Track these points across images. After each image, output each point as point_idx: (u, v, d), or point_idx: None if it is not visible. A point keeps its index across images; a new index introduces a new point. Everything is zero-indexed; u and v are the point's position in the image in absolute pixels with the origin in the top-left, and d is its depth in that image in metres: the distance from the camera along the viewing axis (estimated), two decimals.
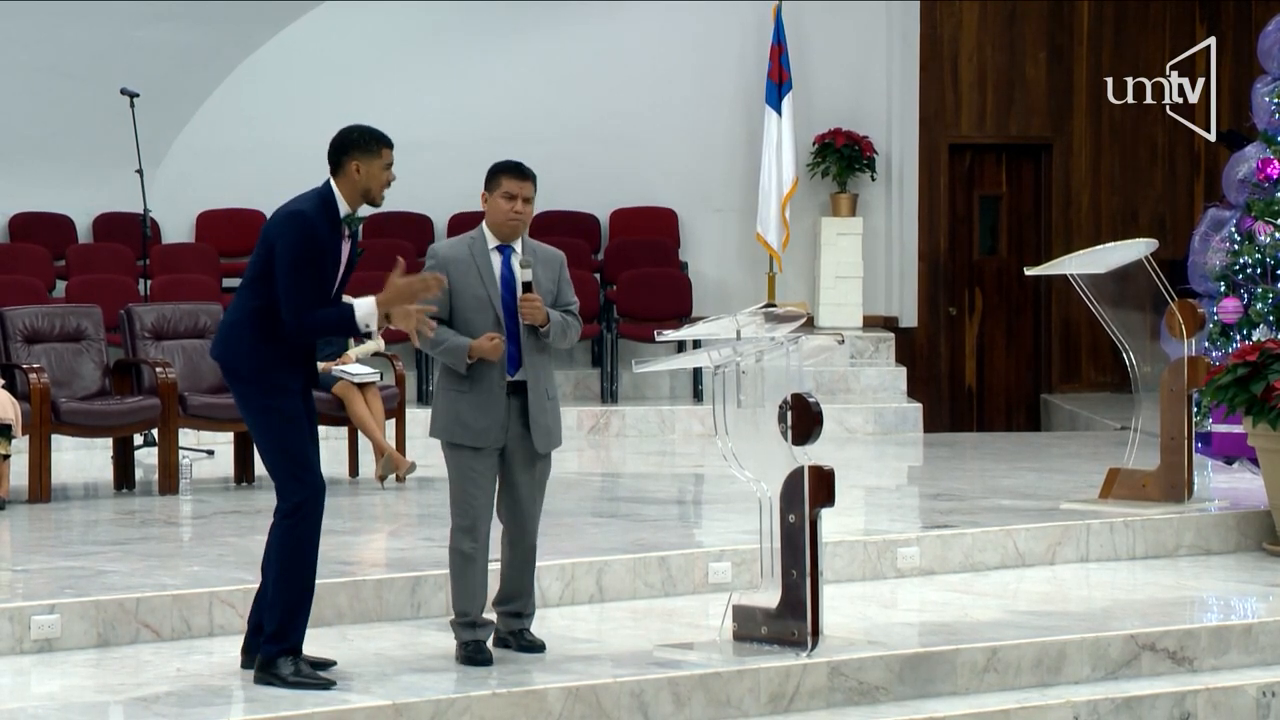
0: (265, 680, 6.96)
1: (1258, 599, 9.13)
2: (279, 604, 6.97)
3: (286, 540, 6.98)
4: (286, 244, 6.92)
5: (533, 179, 7.46)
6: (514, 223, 7.41)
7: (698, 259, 16.96)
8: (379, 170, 7.04)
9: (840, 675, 7.44)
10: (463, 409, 7.34)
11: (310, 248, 6.91)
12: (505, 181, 7.42)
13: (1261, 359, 10.09)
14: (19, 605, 7.65)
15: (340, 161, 7.03)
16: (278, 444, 7.00)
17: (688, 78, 17.07)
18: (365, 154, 7.02)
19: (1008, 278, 17.87)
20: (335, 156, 7.04)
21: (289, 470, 6.98)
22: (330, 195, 7.02)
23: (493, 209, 7.43)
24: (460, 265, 7.38)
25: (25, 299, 13.25)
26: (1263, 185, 12.70)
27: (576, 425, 14.79)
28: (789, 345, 7.61)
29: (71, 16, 15.01)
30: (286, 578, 6.97)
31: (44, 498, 10.78)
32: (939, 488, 12.05)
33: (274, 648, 6.98)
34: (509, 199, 7.40)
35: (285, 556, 6.97)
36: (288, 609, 6.97)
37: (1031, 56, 17.81)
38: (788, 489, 7.48)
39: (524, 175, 7.44)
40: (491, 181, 7.45)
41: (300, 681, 6.93)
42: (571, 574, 8.71)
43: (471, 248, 7.42)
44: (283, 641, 6.97)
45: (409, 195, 16.53)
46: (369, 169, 7.02)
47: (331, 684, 6.96)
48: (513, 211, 7.40)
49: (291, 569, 6.97)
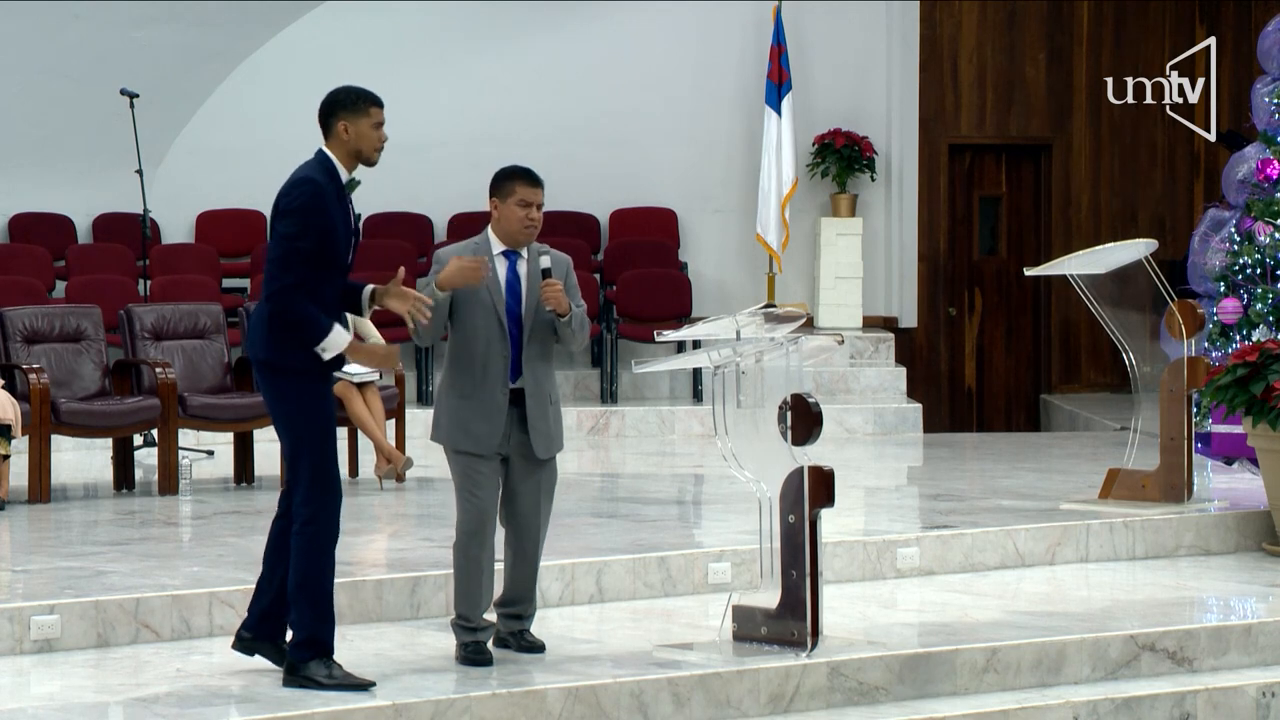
0: (299, 684, 6.88)
1: (1257, 599, 9.14)
2: (306, 610, 6.89)
3: (309, 547, 6.89)
4: (291, 209, 6.83)
5: (543, 185, 7.41)
6: (529, 230, 7.36)
7: (697, 259, 16.96)
8: (369, 129, 6.95)
9: (840, 675, 7.44)
10: (465, 415, 7.32)
11: (318, 214, 6.82)
12: (520, 189, 7.33)
13: (1261, 359, 10.09)
14: (19, 606, 7.65)
15: (330, 124, 6.96)
16: (309, 447, 6.92)
17: (688, 78, 17.07)
18: (353, 113, 6.94)
19: (1007, 278, 17.87)
20: (325, 119, 6.97)
21: (314, 476, 6.91)
22: (329, 161, 6.95)
23: (506, 216, 7.35)
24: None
25: (25, 299, 13.25)
26: (1262, 186, 12.69)
27: (576, 426, 14.79)
28: (789, 346, 7.61)
29: (71, 17, 15.01)
30: (311, 584, 6.90)
31: (44, 498, 10.78)
32: (939, 488, 12.05)
33: (307, 653, 6.91)
34: (524, 206, 7.32)
35: (308, 563, 6.89)
36: (317, 614, 6.90)
37: (1031, 57, 17.81)
38: (787, 489, 7.48)
39: (537, 182, 7.37)
40: (503, 188, 7.35)
41: (338, 683, 6.87)
42: (571, 574, 8.71)
43: (478, 253, 7.35)
44: (315, 646, 6.91)
45: (409, 196, 16.61)
46: (357, 128, 6.93)
47: (371, 684, 6.91)
48: (528, 219, 7.33)
49: (314, 574, 6.90)
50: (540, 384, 7.39)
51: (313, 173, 6.91)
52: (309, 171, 6.93)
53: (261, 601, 7.13)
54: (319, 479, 6.90)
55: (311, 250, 6.82)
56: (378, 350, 7.21)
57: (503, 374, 7.31)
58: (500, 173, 7.42)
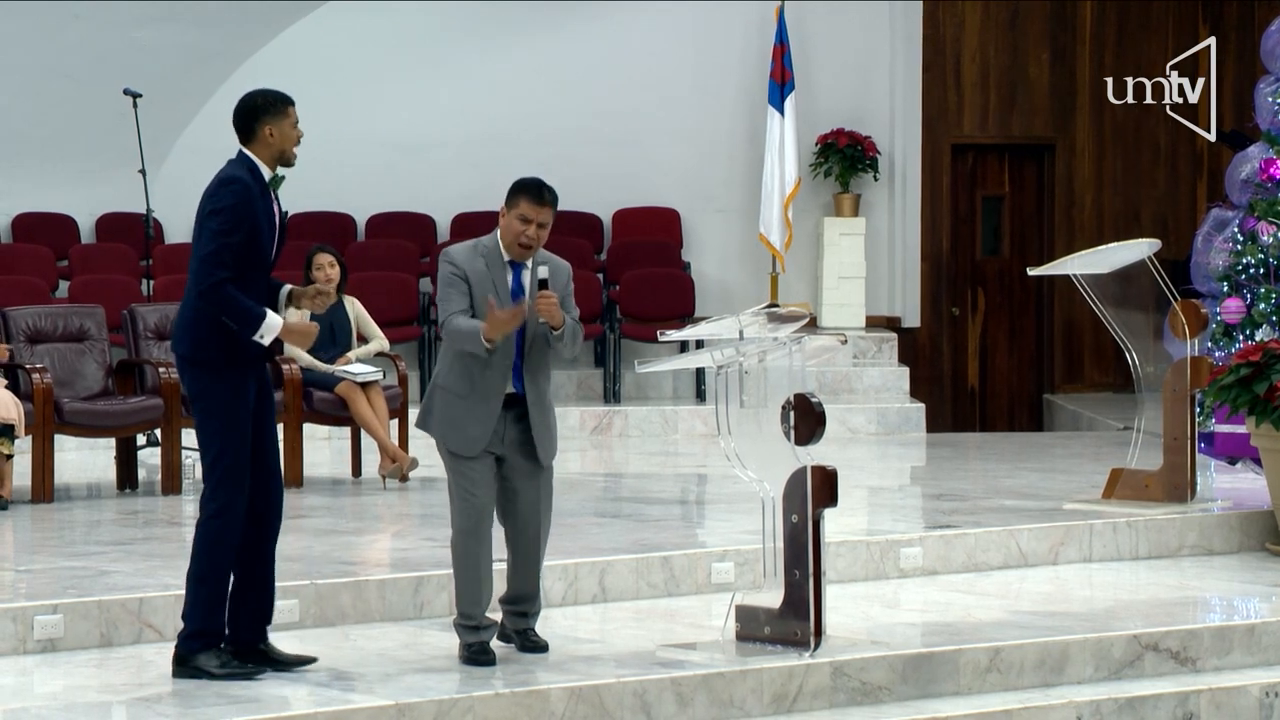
0: (189, 674, 7.01)
1: (1260, 599, 9.13)
2: (202, 601, 7.02)
3: (215, 540, 7.02)
4: (222, 207, 6.97)
5: (552, 204, 7.32)
6: (523, 248, 7.33)
7: (700, 259, 16.96)
8: (289, 129, 7.16)
9: (843, 675, 7.44)
10: (458, 414, 7.32)
11: (247, 211, 6.98)
12: (523, 204, 7.29)
13: (1264, 359, 10.09)
14: (22, 605, 7.65)
15: (252, 128, 7.14)
16: (223, 441, 7.03)
17: (690, 78, 17.07)
18: (275, 115, 7.15)
19: (1010, 278, 17.87)
20: (246, 123, 7.16)
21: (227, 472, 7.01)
22: (251, 161, 7.11)
23: (506, 228, 7.34)
24: (475, 277, 7.34)
25: (28, 299, 13.25)
26: (1266, 185, 12.70)
27: (579, 425, 14.79)
28: (792, 345, 7.61)
29: (73, 17, 15.02)
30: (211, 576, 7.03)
31: (47, 498, 10.78)
32: (942, 488, 12.05)
33: (197, 644, 7.04)
34: (523, 222, 7.29)
35: (210, 556, 7.02)
36: (212, 605, 7.03)
37: (1034, 57, 17.81)
38: (791, 489, 7.48)
39: (542, 200, 7.30)
40: (511, 198, 7.32)
41: (229, 673, 7.01)
42: (574, 574, 8.71)
43: (487, 260, 7.36)
44: (205, 637, 7.04)
45: (411, 196, 16.63)
46: (280, 130, 7.14)
47: (258, 671, 7.05)
48: (524, 235, 7.30)
49: (215, 566, 7.02)
50: (541, 392, 7.40)
51: (238, 172, 7.09)
52: (235, 170, 7.10)
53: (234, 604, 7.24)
54: (231, 474, 7.03)
55: (240, 245, 6.98)
56: (304, 328, 7.32)
57: (502, 379, 7.32)
58: (515, 182, 7.38)
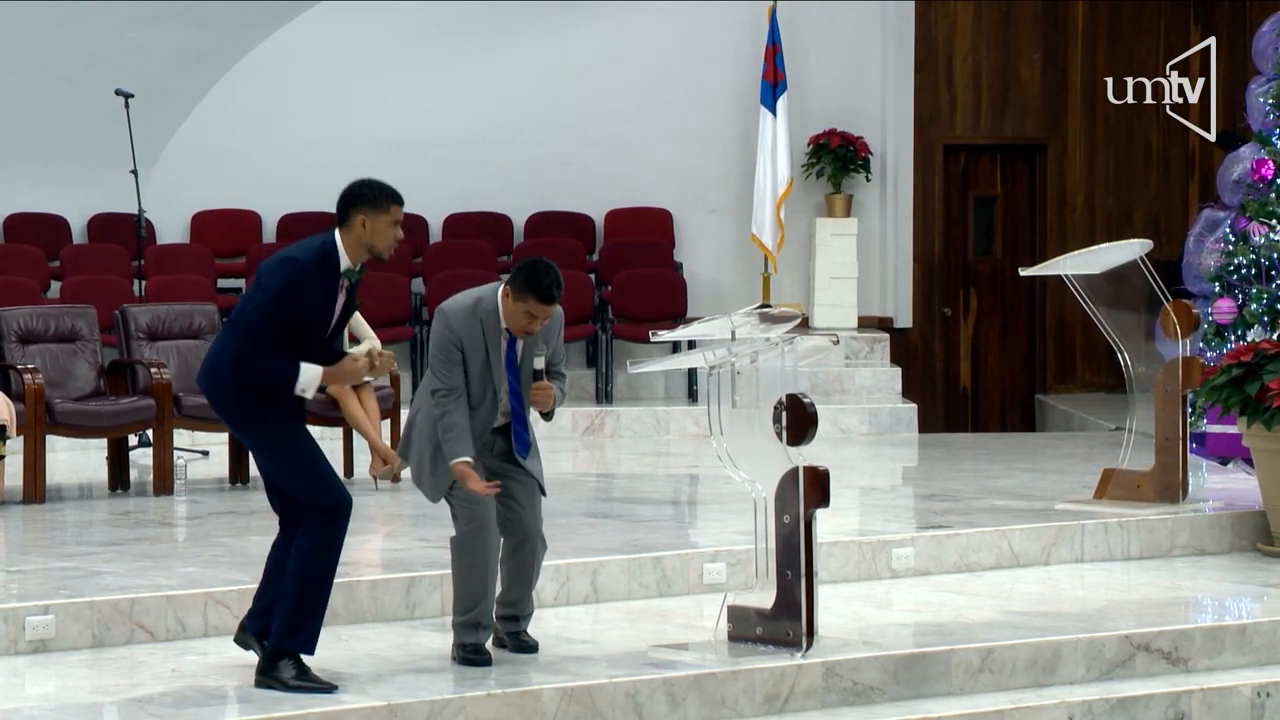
0: (266, 684, 6.90)
1: (1252, 599, 9.14)
2: (293, 604, 6.89)
3: (315, 543, 6.89)
4: (270, 286, 6.79)
5: (558, 299, 7.24)
6: (526, 334, 7.33)
7: (692, 260, 16.97)
8: (386, 226, 6.87)
9: (835, 676, 7.44)
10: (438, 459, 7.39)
11: (294, 300, 6.77)
12: (532, 302, 7.21)
13: (1256, 359, 10.10)
14: (13, 606, 7.64)
15: (347, 214, 6.86)
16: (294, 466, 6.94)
17: (682, 78, 17.07)
18: (373, 208, 6.86)
19: (1002, 278, 17.88)
20: (343, 209, 6.87)
21: (314, 484, 6.92)
22: (332, 246, 6.86)
23: (511, 314, 7.26)
24: (470, 343, 7.32)
25: (20, 299, 13.25)
26: (1257, 186, 12.71)
27: (571, 426, 14.79)
28: (784, 346, 7.61)
29: (66, 17, 15.00)
30: (307, 580, 6.90)
31: (38, 498, 10.77)
32: (934, 488, 12.05)
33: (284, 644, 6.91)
34: (529, 317, 7.25)
35: (309, 559, 6.89)
36: (303, 610, 6.90)
37: (1026, 57, 17.82)
38: (782, 489, 7.48)
39: (551, 300, 7.21)
40: (519, 291, 7.19)
41: (301, 685, 6.87)
42: (566, 575, 8.71)
43: (484, 325, 7.32)
44: (291, 641, 6.91)
45: (404, 196, 16.59)
46: (375, 224, 6.86)
47: (334, 687, 6.91)
48: (529, 328, 7.28)
49: (313, 572, 6.90)
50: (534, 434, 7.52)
51: (302, 255, 6.84)
52: (299, 253, 6.86)
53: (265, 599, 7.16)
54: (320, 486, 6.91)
55: (279, 337, 6.81)
56: (353, 367, 7.12)
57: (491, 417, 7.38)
58: (527, 273, 7.19)
